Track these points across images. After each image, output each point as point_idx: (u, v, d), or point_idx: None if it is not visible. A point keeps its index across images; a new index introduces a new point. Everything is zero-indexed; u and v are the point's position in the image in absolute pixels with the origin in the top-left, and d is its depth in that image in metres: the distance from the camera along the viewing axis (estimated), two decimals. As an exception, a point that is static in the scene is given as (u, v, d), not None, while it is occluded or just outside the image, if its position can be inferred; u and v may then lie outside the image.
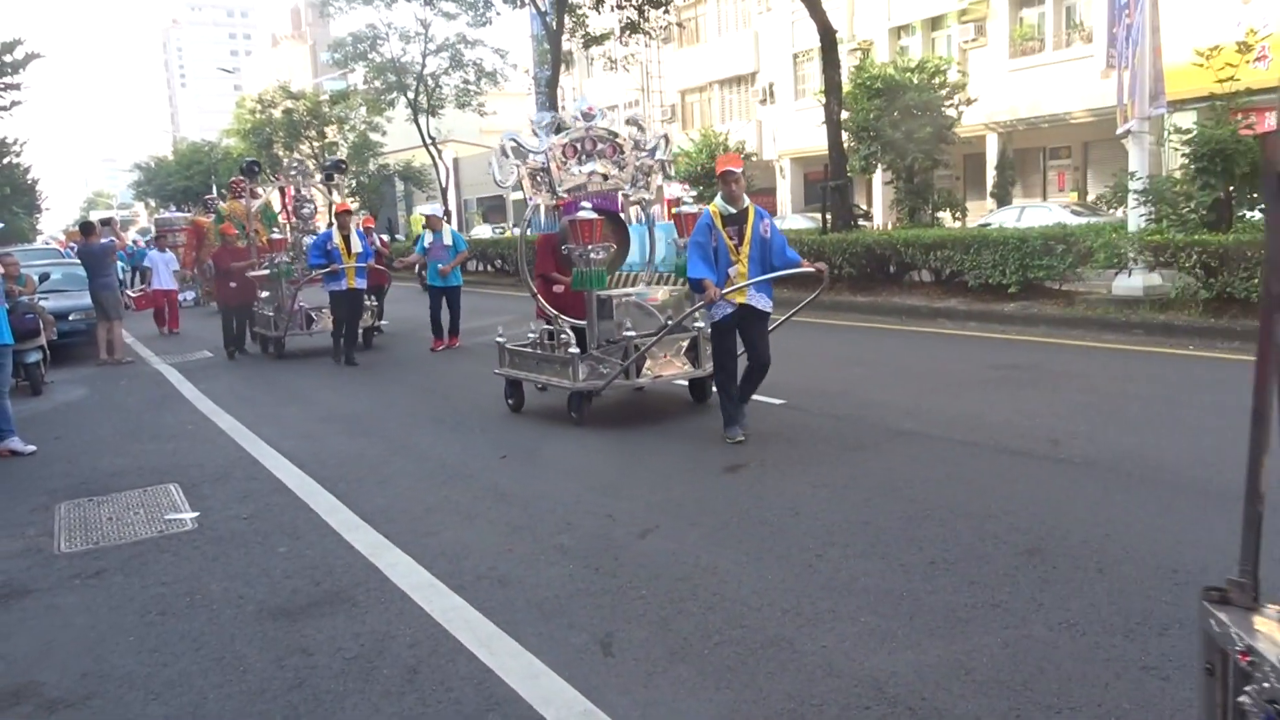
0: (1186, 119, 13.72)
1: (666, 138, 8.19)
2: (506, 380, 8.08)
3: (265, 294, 13.21)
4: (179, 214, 29.02)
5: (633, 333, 7.19)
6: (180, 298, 18.25)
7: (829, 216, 17.56)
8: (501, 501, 5.49)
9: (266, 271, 12.83)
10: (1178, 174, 11.80)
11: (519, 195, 8.31)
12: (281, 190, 14.41)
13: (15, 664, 3.74)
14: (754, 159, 33.28)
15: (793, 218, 28.75)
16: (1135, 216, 11.46)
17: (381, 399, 9.11)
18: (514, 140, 7.53)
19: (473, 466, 6.32)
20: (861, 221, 18.84)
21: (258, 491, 6.02)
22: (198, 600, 4.27)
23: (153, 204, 63.22)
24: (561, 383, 7.39)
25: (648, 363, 7.20)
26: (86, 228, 13.99)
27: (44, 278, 13.04)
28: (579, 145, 7.65)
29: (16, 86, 18.72)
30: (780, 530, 4.70)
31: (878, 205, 28.85)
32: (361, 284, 11.68)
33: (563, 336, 7.58)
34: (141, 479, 6.49)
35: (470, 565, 4.48)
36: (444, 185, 38.96)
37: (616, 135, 7.81)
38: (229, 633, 3.90)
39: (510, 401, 8.07)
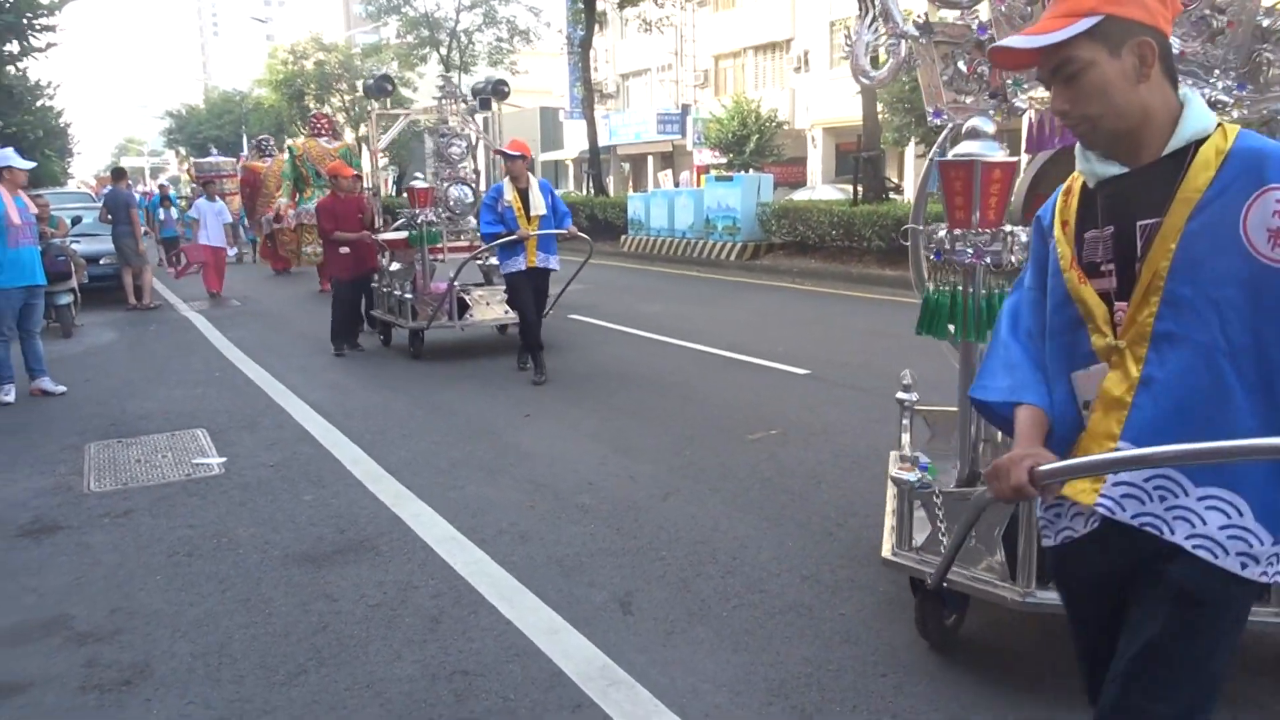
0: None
1: None
2: (920, 591, 3.21)
3: (395, 266, 9.53)
4: (223, 158, 25.14)
5: None
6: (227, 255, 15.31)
7: (859, 188, 17.41)
8: (524, 459, 5.52)
9: (403, 235, 9.43)
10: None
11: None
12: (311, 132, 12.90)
13: (46, 597, 3.83)
14: (785, 127, 32.95)
15: (823, 188, 28.49)
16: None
17: (401, 354, 9.15)
18: None
19: (497, 424, 6.35)
20: (892, 194, 18.66)
21: (284, 440, 6.08)
22: (224, 543, 4.34)
23: (183, 151, 63.43)
24: None
25: None
26: (118, 173, 14.07)
27: (75, 221, 13.16)
28: None
29: (52, 29, 18.74)
30: (801, 498, 4.71)
31: (909, 179, 28.52)
32: (551, 262, 7.81)
33: None
34: (169, 423, 6.57)
35: (492, 520, 4.53)
36: (474, 144, 38.86)
37: None
38: (255, 576, 3.96)
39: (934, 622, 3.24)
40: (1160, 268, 1.64)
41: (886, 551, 3.35)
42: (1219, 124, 1.67)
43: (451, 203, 9.48)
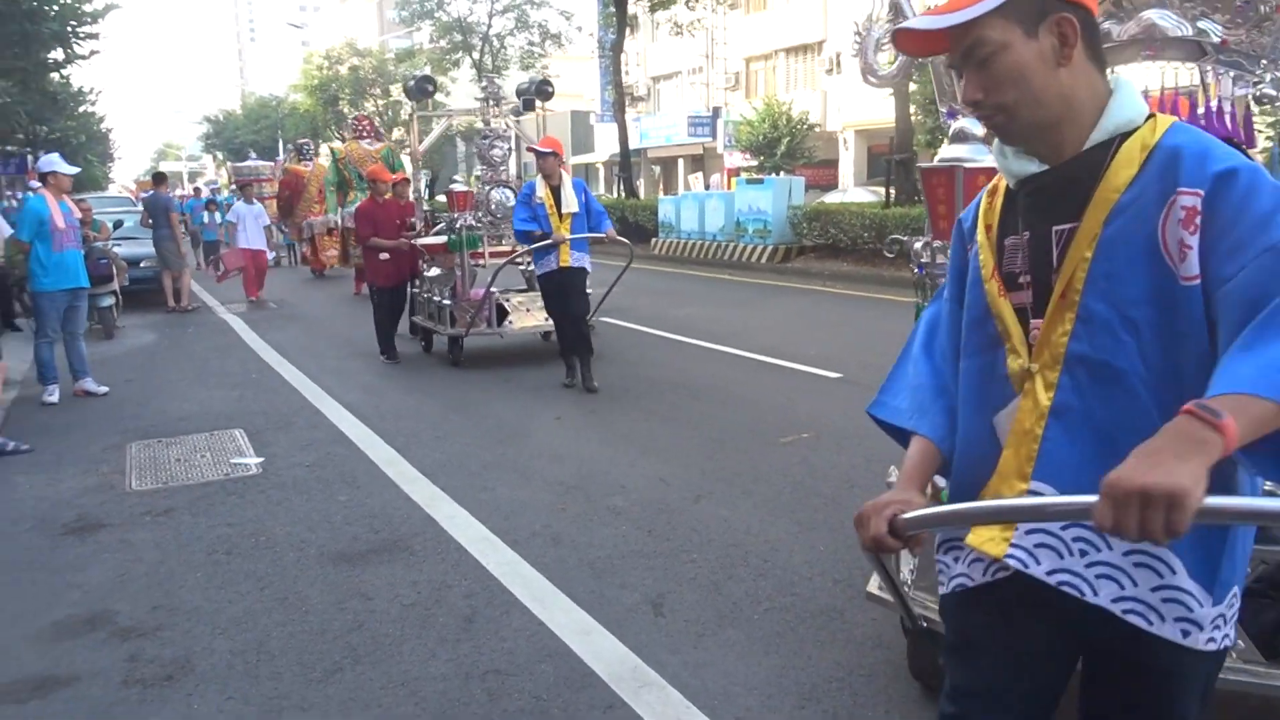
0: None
1: None
2: (908, 631, 3.06)
3: (434, 272, 9.18)
4: (261, 161, 25.64)
5: None
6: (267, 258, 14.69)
7: (892, 191, 17.33)
8: (556, 462, 5.56)
9: (443, 240, 8.92)
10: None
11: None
12: (342, 138, 12.89)
13: (90, 593, 3.91)
14: (816, 130, 32.83)
15: (854, 190, 28.35)
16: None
17: (440, 358, 9.23)
18: None
19: (528, 426, 6.40)
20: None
21: (319, 441, 6.16)
22: (262, 542, 4.41)
23: (219, 156, 64.37)
24: None
25: None
26: (158, 178, 14.33)
27: (117, 225, 13.43)
28: None
29: (95, 36, 19.11)
30: (833, 502, 4.71)
31: (942, 181, 28.25)
32: (584, 261, 7.52)
33: None
34: (208, 423, 6.68)
35: (525, 522, 4.56)
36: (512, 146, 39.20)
37: None
38: (292, 574, 4.03)
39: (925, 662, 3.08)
40: (1075, 278, 1.42)
41: (872, 586, 3.05)
42: (1151, 115, 1.44)
43: (493, 206, 9.10)
